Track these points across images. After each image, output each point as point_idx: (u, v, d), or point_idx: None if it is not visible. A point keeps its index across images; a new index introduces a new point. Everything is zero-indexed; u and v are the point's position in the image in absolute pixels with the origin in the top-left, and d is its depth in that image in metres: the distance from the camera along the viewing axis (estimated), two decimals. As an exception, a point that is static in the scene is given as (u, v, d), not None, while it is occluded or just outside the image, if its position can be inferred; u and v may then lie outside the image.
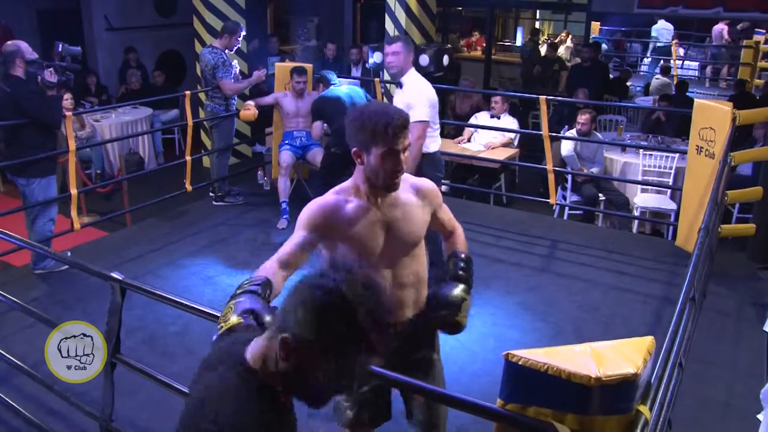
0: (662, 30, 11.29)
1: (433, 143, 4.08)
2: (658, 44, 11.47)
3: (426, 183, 2.17)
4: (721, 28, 11.17)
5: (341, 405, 2.22)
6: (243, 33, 5.97)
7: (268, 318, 1.53)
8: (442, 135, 7.84)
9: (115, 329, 2.42)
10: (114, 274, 2.41)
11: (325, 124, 5.26)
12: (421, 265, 2.15)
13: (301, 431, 1.40)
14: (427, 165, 3.98)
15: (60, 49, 4.27)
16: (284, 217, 5.48)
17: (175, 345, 3.69)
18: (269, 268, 1.89)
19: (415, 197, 2.10)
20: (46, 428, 2.87)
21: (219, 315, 1.69)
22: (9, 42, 4.36)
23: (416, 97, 3.93)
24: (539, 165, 5.86)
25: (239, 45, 6.11)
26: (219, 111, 5.85)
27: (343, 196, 2.02)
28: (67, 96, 6.59)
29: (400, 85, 4.06)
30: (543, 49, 11.15)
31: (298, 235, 1.99)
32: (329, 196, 2.03)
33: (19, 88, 4.22)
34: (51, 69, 4.21)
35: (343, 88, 5.29)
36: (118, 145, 7.25)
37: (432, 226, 2.19)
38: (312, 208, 2.01)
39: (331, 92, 5.23)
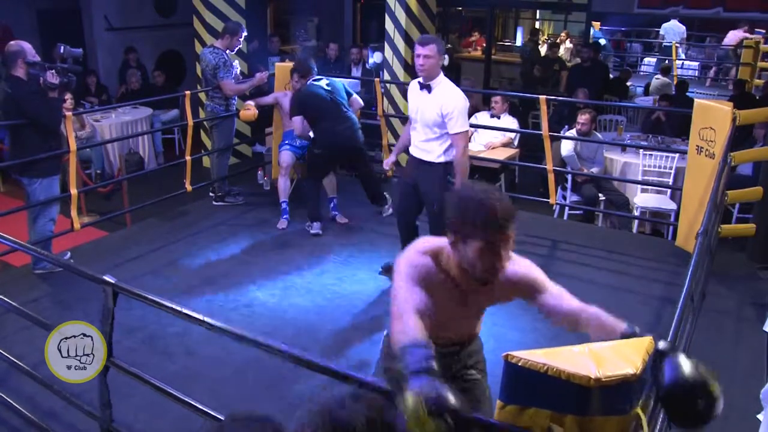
0: (670, 29, 11.20)
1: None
2: (664, 44, 11.44)
3: (522, 272, 1.92)
4: (740, 36, 10.91)
5: None
6: (244, 34, 5.97)
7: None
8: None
9: (108, 333, 2.41)
10: (106, 277, 2.40)
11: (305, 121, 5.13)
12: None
13: None
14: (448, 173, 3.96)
15: (62, 51, 4.26)
16: (284, 217, 5.48)
17: (175, 345, 3.69)
18: (417, 326, 1.67)
19: (506, 287, 1.91)
20: (46, 428, 2.87)
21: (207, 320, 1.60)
22: (12, 42, 4.35)
23: (455, 104, 3.84)
24: (539, 165, 5.86)
25: (240, 45, 6.11)
26: (219, 111, 5.85)
27: (435, 266, 1.87)
28: (68, 96, 6.59)
29: (428, 89, 3.91)
30: (543, 49, 11.15)
31: (415, 289, 1.79)
32: (424, 259, 1.88)
33: (20, 89, 4.21)
34: (52, 71, 4.21)
35: (323, 82, 5.13)
36: (118, 145, 7.25)
37: (542, 312, 1.94)
38: (415, 263, 1.86)
39: (311, 88, 5.07)
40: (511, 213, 1.75)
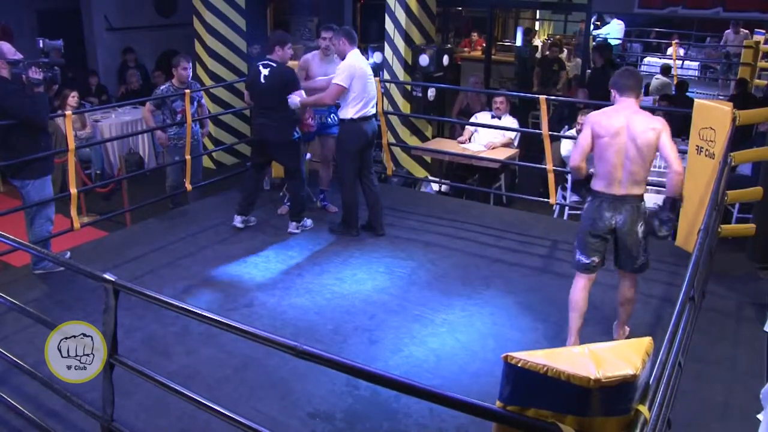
0: (613, 29, 11.65)
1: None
2: (610, 42, 11.77)
3: None
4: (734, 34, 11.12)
5: None
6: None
7: None
8: (443, 135, 7.91)
9: (111, 330, 2.41)
10: (106, 275, 2.40)
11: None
12: None
13: None
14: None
15: (41, 45, 4.20)
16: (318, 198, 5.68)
17: (174, 345, 3.69)
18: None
19: None
20: (46, 428, 2.87)
21: (212, 317, 1.66)
22: None
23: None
24: (539, 165, 5.86)
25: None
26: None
27: None
28: (74, 94, 6.61)
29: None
30: (542, 49, 11.14)
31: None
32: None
33: (2, 89, 4.14)
34: (34, 67, 4.16)
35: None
36: (117, 145, 7.26)
37: None
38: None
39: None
40: None
